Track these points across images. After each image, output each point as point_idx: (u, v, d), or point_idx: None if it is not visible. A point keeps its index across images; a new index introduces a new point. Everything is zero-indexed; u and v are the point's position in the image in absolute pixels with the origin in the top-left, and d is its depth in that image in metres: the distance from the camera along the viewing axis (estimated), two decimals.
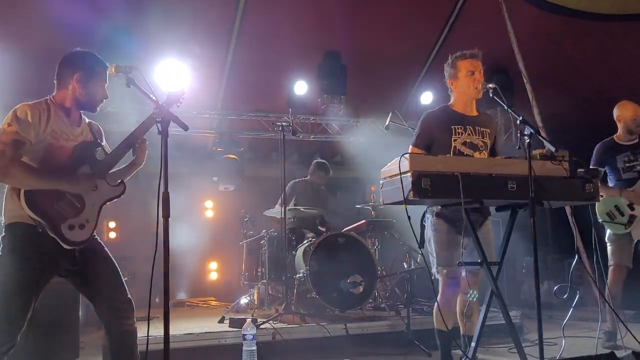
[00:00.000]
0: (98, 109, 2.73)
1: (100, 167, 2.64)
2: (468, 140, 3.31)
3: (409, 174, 2.71)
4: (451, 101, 3.45)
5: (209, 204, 7.82)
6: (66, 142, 2.59)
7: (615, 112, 4.37)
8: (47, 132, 2.51)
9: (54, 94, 2.66)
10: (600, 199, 4.21)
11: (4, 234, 2.49)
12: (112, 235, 7.17)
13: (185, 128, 2.36)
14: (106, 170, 2.66)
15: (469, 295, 3.35)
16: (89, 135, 2.73)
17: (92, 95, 2.65)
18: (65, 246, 2.47)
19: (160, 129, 2.35)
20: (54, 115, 2.56)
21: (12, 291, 2.42)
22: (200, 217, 7.63)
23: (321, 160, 6.19)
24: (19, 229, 2.45)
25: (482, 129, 3.37)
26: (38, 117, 2.48)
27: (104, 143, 2.81)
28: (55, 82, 2.67)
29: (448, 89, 3.47)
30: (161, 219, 2.31)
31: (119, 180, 2.76)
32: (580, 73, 6.77)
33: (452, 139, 3.29)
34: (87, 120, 2.78)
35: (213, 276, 7.64)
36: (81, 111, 2.73)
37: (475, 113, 3.42)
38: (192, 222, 6.82)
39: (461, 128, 3.31)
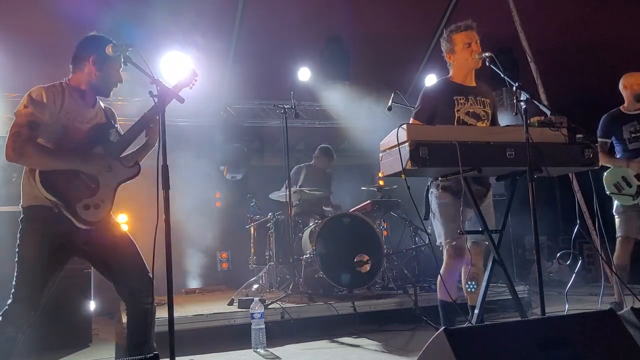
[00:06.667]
0: (111, 93, 2.77)
1: (114, 149, 2.69)
2: (471, 110, 3.33)
3: (407, 144, 2.72)
4: (450, 74, 3.48)
5: (217, 193, 7.86)
6: (81, 124, 2.63)
7: (621, 82, 4.34)
8: (62, 113, 2.55)
9: (69, 77, 2.70)
10: (607, 170, 4.20)
11: (22, 215, 2.54)
12: (124, 228, 7.22)
13: (181, 101, 2.40)
14: (119, 151, 2.70)
15: (467, 287, 3.39)
16: (103, 117, 2.77)
17: (106, 78, 2.70)
18: (80, 226, 2.51)
19: (156, 103, 2.38)
20: (68, 97, 2.60)
21: (30, 272, 2.48)
22: (209, 206, 7.68)
23: (325, 145, 6.21)
24: (36, 211, 2.50)
25: (482, 99, 3.40)
26: (53, 98, 2.53)
27: (117, 125, 2.85)
28: (70, 65, 2.71)
29: (447, 63, 3.49)
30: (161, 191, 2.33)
31: (134, 162, 2.79)
32: (589, 50, 6.66)
33: (455, 109, 3.32)
34: (101, 103, 2.82)
35: (223, 266, 7.69)
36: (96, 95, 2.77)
37: (474, 84, 3.44)
38: (201, 212, 6.88)
39: (463, 99, 3.34)
